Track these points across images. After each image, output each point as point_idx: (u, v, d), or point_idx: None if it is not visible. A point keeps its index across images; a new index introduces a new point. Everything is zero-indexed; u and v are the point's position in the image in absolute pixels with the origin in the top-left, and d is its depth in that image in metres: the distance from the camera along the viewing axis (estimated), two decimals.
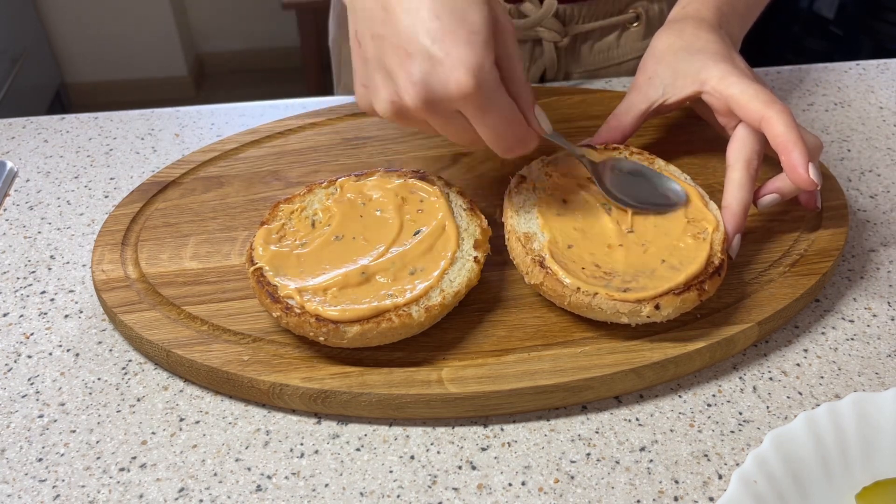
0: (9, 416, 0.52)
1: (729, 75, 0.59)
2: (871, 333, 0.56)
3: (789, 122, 0.56)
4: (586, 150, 0.63)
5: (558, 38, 0.84)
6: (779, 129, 0.56)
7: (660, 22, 0.87)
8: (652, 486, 0.47)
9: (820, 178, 0.56)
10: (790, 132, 0.55)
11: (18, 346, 0.57)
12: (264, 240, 0.56)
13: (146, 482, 0.48)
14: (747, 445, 0.49)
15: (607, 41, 0.87)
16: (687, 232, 0.56)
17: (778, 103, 0.57)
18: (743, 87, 0.58)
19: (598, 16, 0.84)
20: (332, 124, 0.76)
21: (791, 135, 0.55)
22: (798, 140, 0.55)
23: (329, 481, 0.48)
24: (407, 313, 0.50)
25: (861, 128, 0.78)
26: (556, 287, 0.52)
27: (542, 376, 0.50)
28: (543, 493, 0.47)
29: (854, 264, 0.62)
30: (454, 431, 0.50)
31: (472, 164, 0.71)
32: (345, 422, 0.51)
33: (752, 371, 0.54)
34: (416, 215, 0.58)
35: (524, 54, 0.85)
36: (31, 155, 0.77)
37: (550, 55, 0.85)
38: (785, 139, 0.55)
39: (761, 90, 0.58)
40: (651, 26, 0.87)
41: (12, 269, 0.63)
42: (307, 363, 0.52)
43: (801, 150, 0.55)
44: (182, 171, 0.69)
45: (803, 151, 0.55)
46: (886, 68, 0.88)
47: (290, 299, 0.51)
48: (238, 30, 3.00)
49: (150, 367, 0.55)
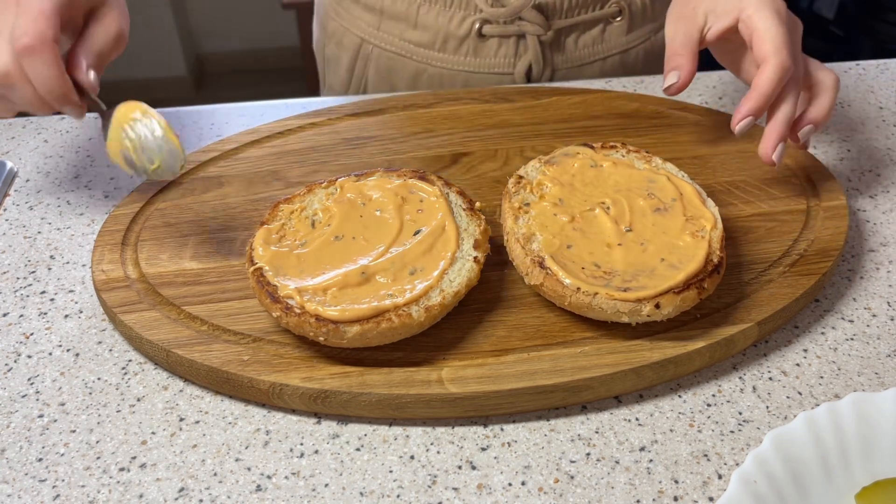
0: (9, 416, 0.52)
1: (764, 9, 0.60)
2: (871, 333, 0.56)
3: (774, 77, 0.58)
4: (583, 148, 0.63)
5: (542, 32, 0.84)
6: (761, 77, 0.59)
7: (642, 18, 0.88)
8: (652, 486, 0.47)
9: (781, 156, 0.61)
10: (766, 87, 0.59)
11: (18, 346, 0.57)
12: (264, 240, 0.56)
13: (146, 482, 0.48)
14: (747, 445, 0.49)
15: (591, 35, 0.87)
16: (685, 230, 0.56)
17: (784, 55, 0.59)
18: (769, 25, 0.59)
19: (581, 9, 0.85)
20: (332, 124, 0.76)
21: (765, 89, 0.59)
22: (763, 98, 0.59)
23: (329, 481, 0.48)
24: (407, 313, 0.50)
25: (861, 128, 0.78)
26: (557, 287, 0.52)
27: (541, 376, 0.50)
28: (543, 493, 0.47)
29: (854, 264, 0.62)
30: (454, 431, 0.50)
31: (472, 164, 0.71)
32: (345, 422, 0.51)
33: (752, 371, 0.54)
34: (416, 215, 0.58)
35: (508, 50, 0.86)
36: (31, 155, 0.77)
37: (535, 49, 0.85)
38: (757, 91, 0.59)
39: (783, 36, 0.59)
40: (634, 21, 0.88)
41: (12, 269, 0.63)
42: (307, 363, 0.52)
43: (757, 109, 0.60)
44: (182, 172, 0.69)
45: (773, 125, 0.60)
46: (886, 68, 0.88)
47: (290, 299, 0.51)
48: (238, 30, 3.00)
49: (150, 367, 0.55)
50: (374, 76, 0.92)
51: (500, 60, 0.86)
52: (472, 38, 0.85)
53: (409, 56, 0.88)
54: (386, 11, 0.87)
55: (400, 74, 0.90)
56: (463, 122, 0.76)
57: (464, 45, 0.86)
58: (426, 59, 0.88)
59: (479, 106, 0.78)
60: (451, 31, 0.85)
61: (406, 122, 0.76)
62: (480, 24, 0.84)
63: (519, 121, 0.76)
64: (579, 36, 0.86)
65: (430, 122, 0.76)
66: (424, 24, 0.86)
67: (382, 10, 0.87)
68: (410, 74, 0.90)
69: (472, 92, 0.80)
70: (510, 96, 0.79)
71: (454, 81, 0.89)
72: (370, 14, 0.88)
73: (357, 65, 0.92)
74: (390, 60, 0.90)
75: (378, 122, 0.76)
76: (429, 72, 0.89)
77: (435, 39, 0.86)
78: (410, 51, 0.88)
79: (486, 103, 0.78)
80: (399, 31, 0.87)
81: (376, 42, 0.89)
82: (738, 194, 0.66)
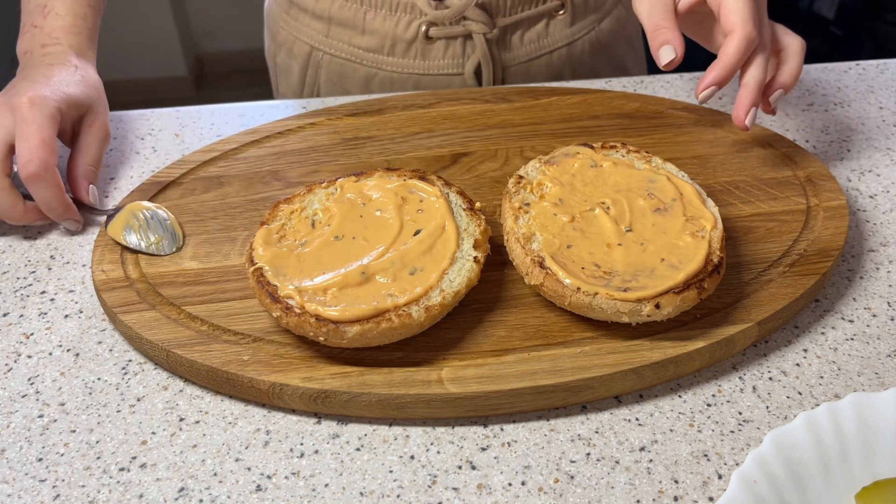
0: (9, 416, 0.52)
1: None
2: (871, 333, 0.56)
3: (740, 47, 0.61)
4: (582, 148, 0.63)
5: (487, 30, 0.85)
6: (727, 48, 0.61)
7: (584, 9, 0.89)
8: (652, 486, 0.47)
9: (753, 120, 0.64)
10: (732, 57, 0.61)
11: (18, 346, 0.57)
12: (264, 240, 0.56)
13: (146, 482, 0.48)
14: (747, 445, 0.49)
15: (536, 31, 0.88)
16: (685, 230, 0.56)
17: (750, 27, 0.61)
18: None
19: (524, 5, 0.86)
20: (332, 124, 0.76)
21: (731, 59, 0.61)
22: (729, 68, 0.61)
23: (329, 481, 0.48)
24: (407, 313, 0.50)
25: (861, 128, 0.78)
26: (557, 287, 0.52)
27: (541, 376, 0.50)
28: (543, 493, 0.47)
29: (854, 264, 0.62)
30: (454, 431, 0.50)
31: (472, 164, 0.71)
32: (345, 422, 0.51)
33: (752, 371, 0.54)
34: (416, 215, 0.58)
35: (456, 51, 0.86)
36: None
37: (482, 48, 0.86)
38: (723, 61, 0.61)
39: (750, 7, 0.61)
40: (577, 13, 0.89)
41: (12, 269, 0.63)
42: (307, 363, 0.52)
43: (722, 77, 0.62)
44: (182, 171, 0.69)
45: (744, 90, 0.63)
46: (886, 68, 0.88)
47: (290, 299, 0.51)
48: (238, 30, 3.00)
49: (150, 367, 0.55)
50: (326, 82, 0.93)
51: (448, 62, 0.87)
52: (419, 41, 0.86)
53: (359, 62, 0.89)
54: (334, 19, 0.88)
55: (351, 80, 0.91)
56: (463, 122, 0.76)
57: (412, 48, 0.87)
58: (376, 63, 0.89)
59: (479, 106, 0.78)
60: (398, 35, 0.86)
61: (406, 122, 0.76)
62: (427, 26, 0.85)
63: (519, 121, 0.76)
64: (524, 32, 0.88)
65: (430, 122, 0.76)
66: (372, 30, 0.87)
67: (330, 18, 0.88)
68: (361, 79, 0.91)
69: (472, 92, 0.80)
70: (510, 96, 0.79)
71: (405, 84, 0.90)
72: (319, 22, 0.89)
73: (308, 72, 0.93)
74: (341, 66, 0.91)
75: (378, 122, 0.76)
76: (379, 76, 0.90)
77: (383, 44, 0.87)
78: (360, 56, 0.89)
79: (486, 103, 0.78)
80: (347, 37, 0.88)
81: (326, 49, 0.90)
82: (738, 194, 0.66)
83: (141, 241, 0.61)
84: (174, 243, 0.61)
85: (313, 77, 0.93)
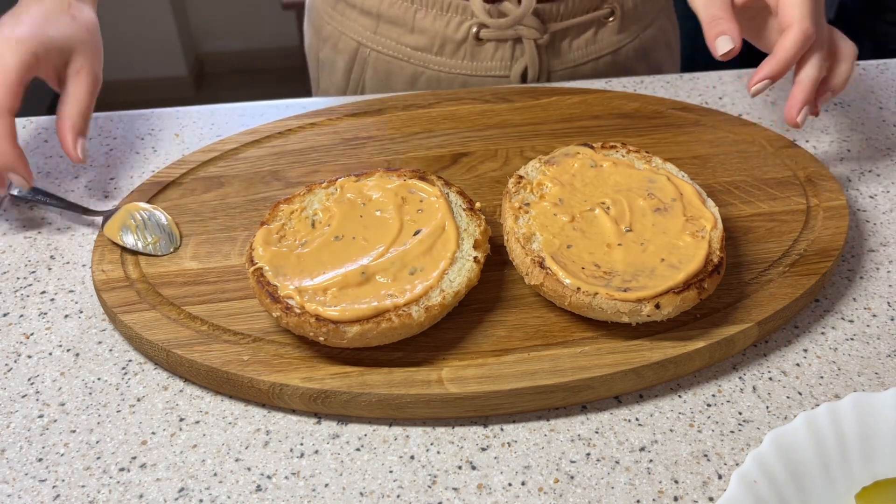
0: (9, 416, 0.52)
1: None
2: (871, 333, 0.56)
3: (797, 43, 0.60)
4: (583, 148, 0.63)
5: (538, 36, 0.85)
6: (784, 42, 0.60)
7: (634, 16, 0.88)
8: (652, 486, 0.47)
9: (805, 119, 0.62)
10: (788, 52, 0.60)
11: (18, 346, 0.57)
12: (264, 240, 0.56)
13: (146, 482, 0.48)
14: (747, 445, 0.49)
15: (585, 37, 0.88)
16: (685, 230, 0.56)
17: (808, 23, 0.60)
18: None
19: (576, 12, 0.86)
20: (332, 124, 0.76)
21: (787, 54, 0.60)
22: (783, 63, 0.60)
23: (329, 481, 0.48)
24: (407, 313, 0.50)
25: (861, 128, 0.78)
26: (557, 287, 0.52)
27: (542, 376, 0.50)
28: (543, 493, 0.47)
29: (854, 264, 0.62)
30: (454, 431, 0.50)
31: (472, 164, 0.71)
32: (345, 422, 0.51)
33: (752, 371, 0.54)
34: (416, 215, 0.58)
35: (505, 53, 0.86)
36: (31, 155, 0.77)
37: (531, 52, 0.86)
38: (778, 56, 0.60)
39: (810, 5, 0.60)
40: (626, 20, 0.89)
41: (12, 269, 0.63)
42: (307, 363, 0.52)
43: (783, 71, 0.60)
44: (182, 172, 0.69)
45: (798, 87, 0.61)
46: (886, 68, 0.88)
47: (290, 299, 0.51)
48: (238, 30, 3.00)
49: (150, 367, 0.55)
50: (372, 79, 0.92)
51: (496, 64, 0.87)
52: (469, 43, 0.86)
53: (406, 59, 0.89)
54: (383, 16, 0.87)
55: (397, 77, 0.91)
56: (463, 122, 0.76)
57: (461, 49, 0.86)
58: (423, 62, 0.88)
59: (479, 106, 0.78)
60: (448, 35, 0.85)
61: (406, 122, 0.76)
62: (477, 28, 0.84)
63: (519, 121, 0.76)
64: (573, 39, 0.87)
65: (430, 122, 0.76)
66: (421, 28, 0.86)
67: (379, 15, 0.87)
68: (408, 77, 0.90)
69: (472, 92, 0.80)
70: (510, 96, 0.79)
71: (451, 84, 0.89)
72: (367, 18, 0.89)
73: (354, 68, 0.93)
74: (388, 64, 0.90)
75: (378, 122, 0.76)
76: (426, 75, 0.89)
77: (432, 43, 0.87)
78: (408, 54, 0.88)
79: (486, 103, 0.78)
80: (396, 35, 0.88)
81: (373, 46, 0.89)
82: (738, 194, 0.66)
83: (138, 241, 0.61)
84: (171, 244, 0.61)
85: (359, 73, 0.93)
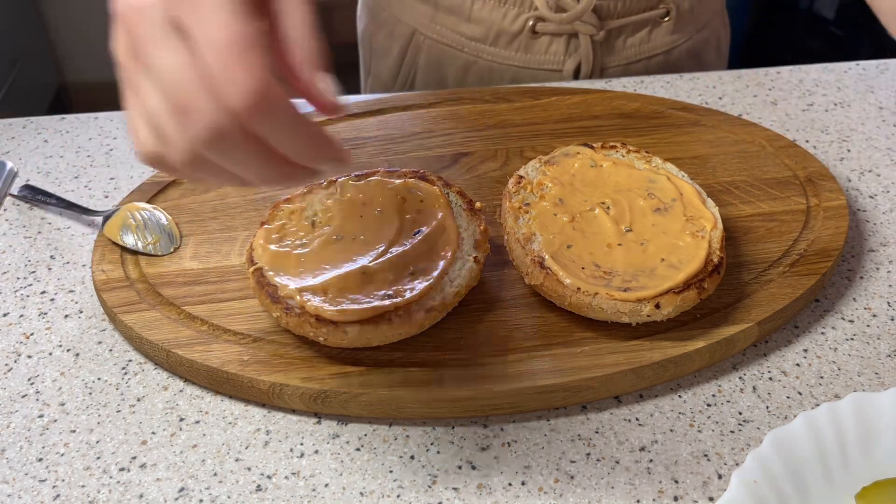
0: (9, 416, 0.52)
1: None
2: (871, 333, 0.56)
3: None
4: (583, 148, 0.63)
5: (594, 32, 0.85)
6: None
7: (689, 17, 0.89)
8: (652, 486, 0.47)
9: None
10: None
11: (18, 346, 0.57)
12: (264, 240, 0.56)
13: (146, 482, 0.48)
14: (747, 445, 0.49)
15: (639, 35, 0.88)
16: (685, 230, 0.56)
17: None
18: None
19: (633, 10, 0.86)
20: (332, 124, 0.76)
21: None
22: None
23: (329, 481, 0.48)
24: (407, 313, 0.50)
25: (861, 128, 0.78)
26: (557, 287, 0.52)
27: (542, 376, 0.50)
28: (543, 493, 0.47)
29: (854, 264, 0.62)
30: (454, 431, 0.50)
31: (472, 164, 0.71)
32: (345, 422, 0.51)
33: (752, 371, 0.54)
34: (416, 215, 0.58)
35: (559, 48, 0.87)
36: (31, 155, 0.77)
37: (586, 48, 0.86)
38: None
39: None
40: (681, 21, 0.89)
41: (12, 269, 0.63)
42: (307, 363, 0.52)
43: None
44: None
45: None
46: (886, 68, 0.88)
47: (290, 299, 0.51)
48: None
49: (150, 367, 0.55)
50: (424, 66, 0.93)
51: (550, 57, 0.87)
52: (524, 35, 0.86)
53: (460, 48, 0.89)
54: (440, 4, 0.88)
55: (450, 66, 0.91)
56: (463, 122, 0.76)
57: (515, 40, 0.86)
58: (477, 52, 0.89)
59: (479, 106, 0.78)
60: (504, 26, 0.86)
61: (406, 122, 0.76)
62: (534, 21, 0.85)
63: (519, 121, 0.76)
64: (628, 37, 0.88)
65: (430, 122, 0.76)
66: (478, 19, 0.86)
67: (437, 3, 0.88)
68: (460, 66, 0.90)
69: (473, 92, 0.80)
70: (510, 96, 0.79)
71: (503, 75, 0.90)
72: (425, 5, 0.89)
73: (408, 54, 0.93)
74: (441, 52, 0.91)
75: (378, 122, 0.76)
76: (479, 64, 0.89)
77: (487, 34, 0.87)
78: (462, 43, 0.89)
79: (486, 103, 0.78)
80: (452, 23, 0.88)
81: (429, 33, 0.90)
82: (738, 194, 0.66)
83: (138, 241, 0.61)
84: (171, 244, 0.61)
85: (412, 59, 0.93)
